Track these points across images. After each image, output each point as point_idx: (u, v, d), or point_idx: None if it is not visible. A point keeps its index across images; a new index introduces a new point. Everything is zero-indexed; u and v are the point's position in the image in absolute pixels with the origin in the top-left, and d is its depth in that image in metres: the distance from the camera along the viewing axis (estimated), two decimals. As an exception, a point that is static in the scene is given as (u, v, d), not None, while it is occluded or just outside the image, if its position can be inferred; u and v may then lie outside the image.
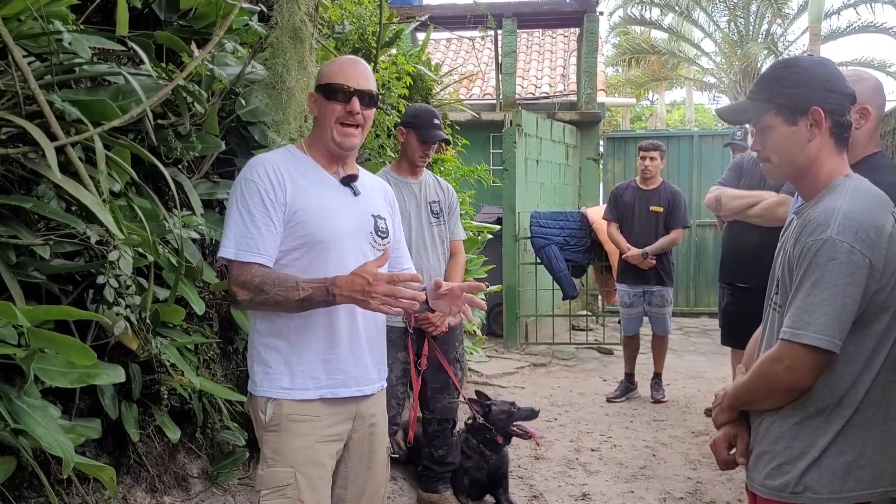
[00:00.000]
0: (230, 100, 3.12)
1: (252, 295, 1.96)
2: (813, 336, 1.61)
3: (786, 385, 1.69)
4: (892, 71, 18.44)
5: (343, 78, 2.08)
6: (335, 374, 2.06)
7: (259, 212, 1.99)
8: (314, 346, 2.04)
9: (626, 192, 6.10)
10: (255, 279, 1.95)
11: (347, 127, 2.09)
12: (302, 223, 2.02)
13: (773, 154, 1.81)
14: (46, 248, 2.28)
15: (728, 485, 4.16)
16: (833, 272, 1.61)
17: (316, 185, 2.09)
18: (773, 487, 1.76)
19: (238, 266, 1.98)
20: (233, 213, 2.03)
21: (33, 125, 2.12)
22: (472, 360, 6.74)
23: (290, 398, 2.02)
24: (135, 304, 2.45)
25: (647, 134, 14.04)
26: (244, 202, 2.01)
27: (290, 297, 1.92)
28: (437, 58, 13.00)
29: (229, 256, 1.99)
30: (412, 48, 6.35)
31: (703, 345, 8.59)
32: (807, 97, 1.74)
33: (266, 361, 2.06)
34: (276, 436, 2.02)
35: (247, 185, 2.02)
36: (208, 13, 2.96)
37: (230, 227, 2.02)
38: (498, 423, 3.80)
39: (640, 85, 21.31)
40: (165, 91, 2.50)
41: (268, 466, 2.02)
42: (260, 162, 2.07)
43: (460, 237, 3.80)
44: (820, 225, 1.65)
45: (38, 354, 2.07)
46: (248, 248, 1.98)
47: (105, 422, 2.50)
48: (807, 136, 1.75)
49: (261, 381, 2.06)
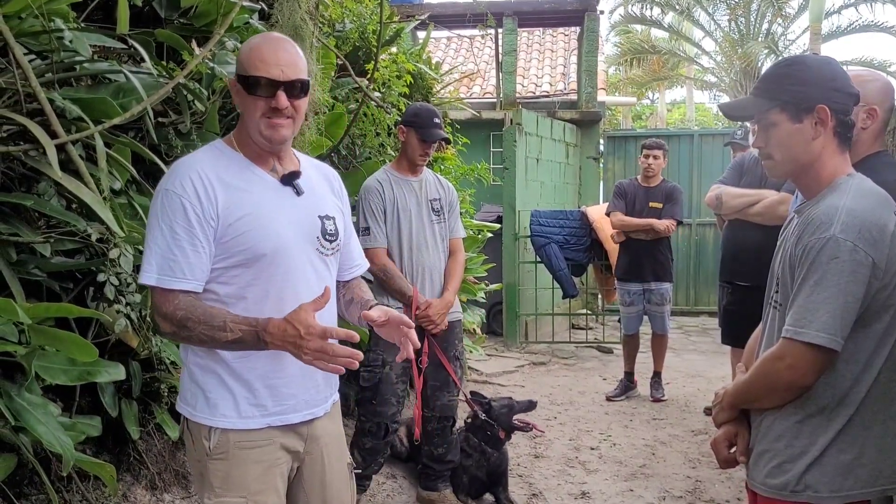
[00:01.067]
0: (230, 98, 3.12)
1: (175, 329, 1.72)
2: (815, 334, 1.61)
3: (787, 383, 1.69)
4: (892, 70, 18.42)
5: (264, 68, 1.76)
6: (284, 399, 1.84)
7: (183, 230, 1.72)
8: (257, 369, 1.80)
9: (629, 188, 6.12)
10: (178, 313, 1.70)
11: (276, 119, 1.79)
12: (239, 237, 1.76)
13: (777, 151, 1.80)
14: (47, 245, 2.29)
15: (727, 483, 4.16)
16: (836, 271, 1.62)
17: (252, 190, 1.81)
18: (774, 486, 1.76)
19: (160, 294, 1.72)
20: (153, 232, 1.74)
21: (34, 123, 2.13)
22: (472, 358, 6.75)
23: (234, 427, 1.80)
24: (135, 301, 2.45)
25: (647, 133, 14.03)
26: (166, 218, 1.73)
27: (216, 336, 1.69)
28: (437, 56, 13.01)
29: (150, 283, 1.72)
30: (413, 47, 6.35)
31: (702, 344, 8.59)
32: (813, 95, 1.74)
33: (204, 386, 1.81)
34: (224, 464, 1.80)
35: (168, 198, 1.74)
36: (209, 11, 2.96)
37: (150, 247, 1.74)
38: (500, 418, 3.82)
39: (640, 84, 21.31)
40: (166, 89, 2.50)
41: (215, 496, 1.79)
42: (184, 168, 1.78)
43: (460, 235, 3.80)
44: (823, 223, 1.65)
45: (39, 352, 2.07)
46: (172, 272, 1.71)
47: (105, 419, 2.50)
48: (811, 134, 1.75)
49: (200, 406, 1.81)
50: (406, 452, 4.16)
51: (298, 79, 1.81)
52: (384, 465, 3.90)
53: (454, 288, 3.65)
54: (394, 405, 3.54)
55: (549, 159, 9.16)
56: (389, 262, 3.50)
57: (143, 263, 1.74)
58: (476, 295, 5.97)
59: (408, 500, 3.89)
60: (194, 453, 1.85)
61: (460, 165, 6.17)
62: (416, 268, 3.56)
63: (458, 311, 3.80)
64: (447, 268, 3.69)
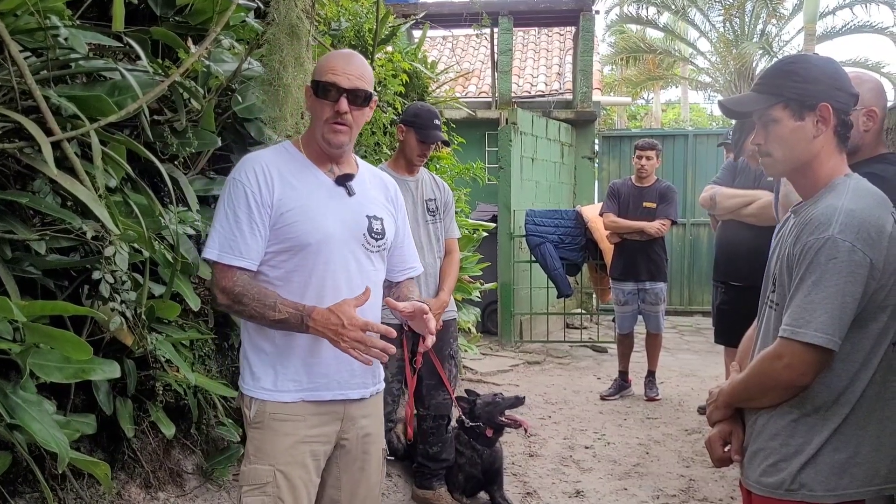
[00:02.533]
0: (226, 96, 3.12)
1: (230, 302, 1.94)
2: (813, 334, 1.62)
3: (784, 382, 1.69)
4: (886, 72, 18.46)
5: (333, 76, 1.98)
6: (317, 377, 2.02)
7: (244, 214, 1.95)
8: (297, 348, 2.00)
9: (623, 188, 6.14)
10: (236, 288, 1.92)
11: (336, 125, 2.00)
12: (289, 226, 1.97)
13: (777, 148, 1.79)
14: (42, 243, 2.28)
15: (721, 482, 4.18)
16: (834, 271, 1.62)
17: (307, 186, 2.02)
18: (769, 485, 1.76)
19: (221, 269, 1.95)
20: (219, 214, 1.99)
21: (29, 120, 2.13)
22: (467, 357, 6.75)
23: (272, 399, 2.00)
24: (130, 299, 2.45)
25: (642, 133, 14.06)
26: (231, 203, 1.97)
27: (266, 315, 1.90)
28: (433, 55, 12.99)
29: (212, 258, 1.95)
30: (408, 46, 6.35)
31: (696, 343, 8.61)
32: (816, 93, 1.74)
33: (252, 361, 2.03)
34: (260, 433, 2.00)
35: (234, 186, 1.98)
36: (205, 9, 2.96)
37: (216, 227, 1.98)
38: (483, 416, 3.80)
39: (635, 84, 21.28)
40: (162, 87, 2.50)
41: (249, 463, 1.99)
42: (250, 161, 2.02)
43: (455, 235, 3.81)
44: (822, 224, 1.66)
45: (34, 350, 2.07)
46: (231, 250, 1.94)
47: (100, 417, 2.50)
48: (812, 133, 1.75)
49: (247, 380, 2.04)
50: (403, 449, 4.16)
51: (362, 88, 2.01)
52: (379, 464, 3.90)
53: (449, 288, 3.66)
54: (388, 403, 3.54)
55: (544, 159, 9.17)
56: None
57: (207, 240, 1.99)
58: (471, 294, 5.99)
59: (403, 499, 3.89)
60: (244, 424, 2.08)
61: (456, 165, 6.19)
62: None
63: (452, 310, 3.81)
64: (442, 268, 3.69)
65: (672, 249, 6.67)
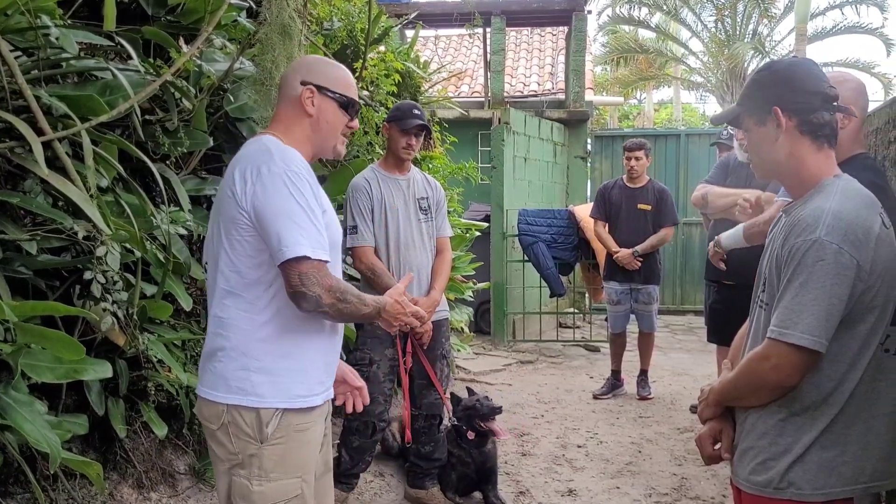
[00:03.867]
0: (218, 96, 3.12)
1: (334, 301, 1.82)
2: (800, 336, 1.63)
3: (772, 383, 1.71)
4: (876, 72, 18.57)
5: (355, 93, 2.03)
6: (331, 376, 2.02)
7: (316, 207, 1.86)
8: (321, 348, 1.96)
9: (613, 191, 6.12)
10: (341, 285, 1.84)
11: (345, 137, 2.05)
12: (326, 225, 1.91)
13: (754, 153, 1.89)
14: (33, 243, 2.28)
15: (713, 480, 4.19)
16: (821, 273, 1.63)
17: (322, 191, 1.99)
18: (758, 483, 1.78)
19: (318, 266, 1.80)
20: (292, 208, 1.80)
21: (20, 120, 2.12)
22: (460, 357, 6.76)
23: (304, 406, 1.89)
24: (122, 299, 2.44)
25: (634, 132, 14.09)
26: (301, 195, 1.82)
27: (360, 311, 1.90)
28: (425, 55, 12.99)
29: (306, 254, 1.78)
30: (401, 45, 6.34)
31: (689, 342, 8.63)
32: (767, 98, 1.80)
33: (272, 370, 1.86)
34: (282, 447, 1.85)
35: (298, 179, 1.84)
36: (196, 9, 2.96)
37: (295, 222, 1.80)
38: (464, 419, 3.80)
39: (628, 84, 21.35)
40: (153, 87, 2.50)
41: (269, 481, 1.84)
42: (294, 155, 1.90)
43: (447, 234, 3.81)
44: (809, 225, 1.67)
45: (25, 350, 2.07)
46: (321, 245, 1.83)
47: (92, 418, 2.49)
48: (773, 136, 1.80)
49: (266, 391, 1.84)
50: (398, 447, 4.16)
51: None
52: (372, 464, 3.90)
53: (441, 287, 3.66)
54: (381, 403, 3.54)
55: (536, 158, 9.18)
56: (377, 261, 3.50)
57: (289, 236, 1.78)
58: (464, 293, 5.99)
59: (396, 499, 3.89)
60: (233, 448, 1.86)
61: (448, 164, 6.18)
62: (404, 266, 3.57)
63: (445, 309, 3.81)
64: (434, 266, 3.70)
65: (664, 249, 6.67)
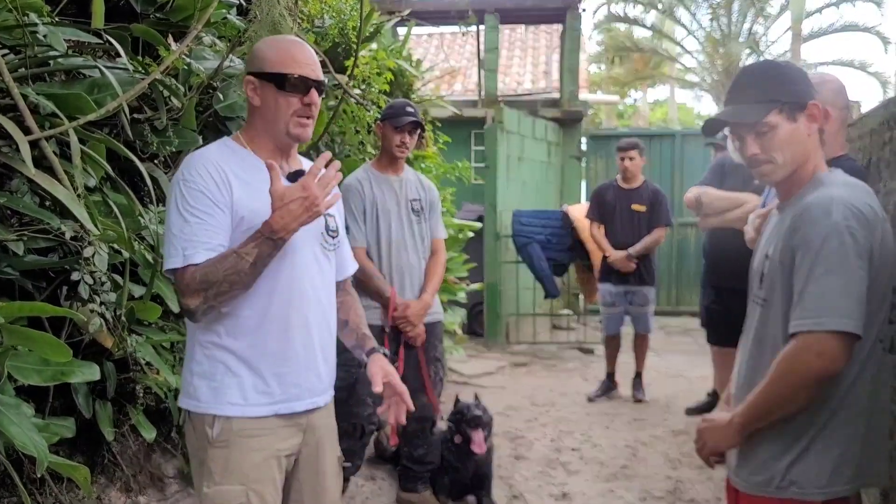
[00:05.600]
0: (208, 94, 3.09)
1: (201, 293, 1.73)
2: (839, 321, 1.60)
3: (816, 374, 1.63)
4: (872, 71, 18.62)
5: (299, 67, 1.84)
6: (289, 387, 1.88)
7: (202, 213, 1.76)
8: (267, 357, 1.86)
9: (607, 192, 6.10)
10: (197, 275, 1.72)
11: (303, 118, 1.87)
12: (250, 229, 1.78)
13: (779, 153, 1.78)
14: (20, 243, 2.25)
15: (708, 484, 4.18)
16: (845, 257, 1.62)
17: (262, 186, 1.79)
18: (758, 483, 1.76)
19: (182, 274, 1.74)
20: (174, 219, 1.78)
21: (7, 119, 2.10)
22: (453, 359, 6.73)
23: (242, 415, 1.83)
24: (110, 301, 2.42)
25: (629, 132, 14.09)
26: (185, 204, 1.77)
27: (239, 269, 1.72)
28: (418, 53, 12.97)
29: (177, 265, 1.74)
30: (393, 43, 6.31)
31: (684, 344, 8.63)
32: (805, 92, 1.77)
33: (210, 374, 1.84)
34: (225, 451, 1.83)
35: (186, 186, 1.78)
36: (186, 6, 2.94)
37: (174, 234, 1.77)
38: (453, 423, 3.78)
39: (623, 83, 21.39)
40: (142, 85, 2.47)
41: (214, 484, 1.82)
42: (198, 160, 1.82)
43: (441, 236, 3.79)
44: (823, 213, 1.65)
45: (12, 352, 2.04)
46: (195, 248, 1.74)
47: (79, 421, 2.47)
48: (806, 132, 1.78)
49: (204, 396, 1.84)
50: (391, 450, 4.13)
51: (322, 80, 1.90)
52: (363, 467, 3.88)
53: (433, 289, 3.63)
54: (370, 406, 3.51)
55: (530, 158, 9.17)
56: (368, 262, 3.48)
57: (167, 251, 1.77)
58: (457, 295, 5.97)
59: (387, 502, 3.87)
60: (195, 443, 1.89)
61: (441, 164, 6.16)
62: (396, 268, 3.54)
63: (438, 311, 3.78)
64: (427, 268, 3.67)
65: (659, 250, 6.67)
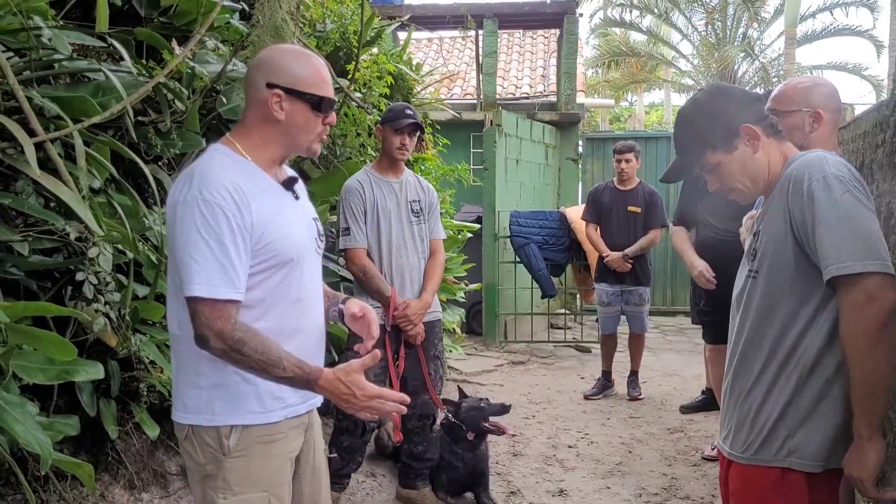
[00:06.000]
0: (211, 97, 3.12)
1: (226, 348, 1.67)
2: (874, 263, 1.59)
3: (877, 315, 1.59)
4: (866, 74, 18.68)
5: (329, 90, 1.85)
6: (296, 391, 1.85)
7: (230, 241, 1.69)
8: None
9: (603, 193, 6.14)
10: (236, 333, 1.66)
11: (323, 136, 1.90)
12: (270, 244, 1.77)
13: (736, 181, 1.89)
14: (25, 244, 2.28)
15: (702, 480, 4.21)
16: (851, 200, 1.64)
17: (271, 196, 1.81)
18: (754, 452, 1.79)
19: (213, 306, 1.66)
20: (196, 243, 1.68)
21: (12, 121, 2.12)
22: (452, 357, 6.76)
23: (261, 422, 1.81)
24: (114, 300, 2.45)
25: (625, 135, 14.12)
26: (209, 228, 1.68)
27: (269, 370, 1.69)
28: (418, 57, 13.00)
29: (202, 294, 1.65)
30: (393, 47, 6.35)
31: (679, 343, 8.67)
32: (733, 121, 1.83)
33: (225, 386, 1.79)
34: (244, 461, 1.80)
35: (209, 208, 1.68)
36: (189, 10, 2.96)
37: (196, 260, 1.67)
38: (468, 420, 3.82)
39: (619, 86, 21.43)
40: (146, 88, 2.50)
41: (233, 495, 1.79)
42: (213, 176, 1.73)
43: (440, 237, 3.82)
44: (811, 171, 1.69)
45: (17, 351, 2.07)
46: (224, 284, 1.67)
47: (83, 419, 2.49)
48: (751, 150, 1.84)
49: (220, 408, 1.78)
50: (392, 447, 4.16)
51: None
52: (364, 464, 3.91)
53: (433, 289, 3.67)
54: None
55: (528, 160, 9.20)
56: (369, 263, 3.51)
57: (188, 274, 1.67)
58: (456, 295, 6.00)
59: (387, 499, 3.90)
60: (200, 458, 1.80)
61: (440, 166, 6.20)
62: (396, 268, 3.58)
63: (437, 310, 3.82)
64: (426, 268, 3.71)
65: (655, 251, 6.71)
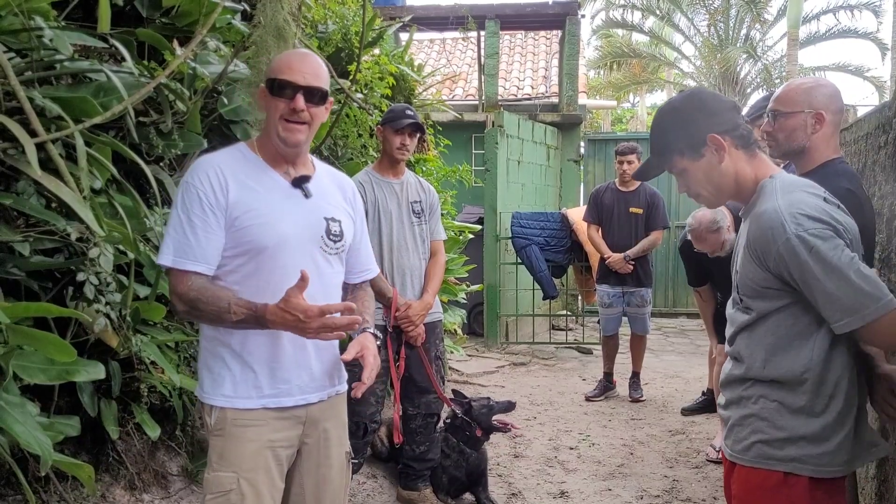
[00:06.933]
0: (212, 98, 3.12)
1: (187, 308, 1.90)
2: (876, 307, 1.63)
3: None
4: (869, 76, 18.65)
5: (289, 74, 1.95)
6: (279, 383, 1.99)
7: (198, 218, 1.91)
8: (257, 354, 1.97)
9: (605, 194, 6.14)
10: (191, 293, 1.89)
11: (292, 123, 1.97)
12: (244, 229, 1.93)
13: (701, 188, 1.92)
14: (26, 244, 2.27)
15: (704, 482, 4.21)
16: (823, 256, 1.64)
17: (262, 188, 1.99)
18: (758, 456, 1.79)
19: (175, 275, 1.91)
20: (172, 219, 1.94)
21: (13, 121, 2.12)
22: (453, 358, 6.77)
23: (231, 406, 1.96)
24: (115, 301, 2.44)
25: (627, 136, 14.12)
26: (184, 207, 1.92)
27: (223, 317, 1.87)
28: (419, 58, 13.01)
29: (167, 264, 1.91)
30: (395, 48, 6.35)
31: (681, 345, 8.66)
32: (701, 129, 1.85)
33: (211, 367, 2.00)
34: (222, 440, 1.96)
35: (187, 190, 1.93)
36: (191, 11, 2.96)
37: (169, 233, 1.93)
38: (479, 418, 3.84)
39: (620, 88, 21.41)
40: (147, 89, 2.49)
41: (212, 471, 1.96)
42: (203, 164, 1.97)
43: (441, 237, 3.82)
44: (774, 231, 1.69)
45: (17, 351, 2.06)
46: (185, 255, 1.90)
47: (84, 419, 2.49)
48: (717, 160, 1.85)
49: (206, 386, 2.00)
50: (387, 452, 4.17)
51: (318, 87, 1.99)
52: (365, 465, 3.91)
53: (434, 289, 3.67)
54: (372, 405, 3.55)
55: (530, 161, 9.21)
56: (370, 263, 3.51)
57: (161, 247, 1.93)
58: (457, 295, 6.00)
59: (388, 500, 3.90)
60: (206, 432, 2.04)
61: (442, 167, 6.19)
62: (397, 269, 3.58)
63: (438, 311, 3.82)
64: (427, 269, 3.71)
65: (656, 252, 6.71)
